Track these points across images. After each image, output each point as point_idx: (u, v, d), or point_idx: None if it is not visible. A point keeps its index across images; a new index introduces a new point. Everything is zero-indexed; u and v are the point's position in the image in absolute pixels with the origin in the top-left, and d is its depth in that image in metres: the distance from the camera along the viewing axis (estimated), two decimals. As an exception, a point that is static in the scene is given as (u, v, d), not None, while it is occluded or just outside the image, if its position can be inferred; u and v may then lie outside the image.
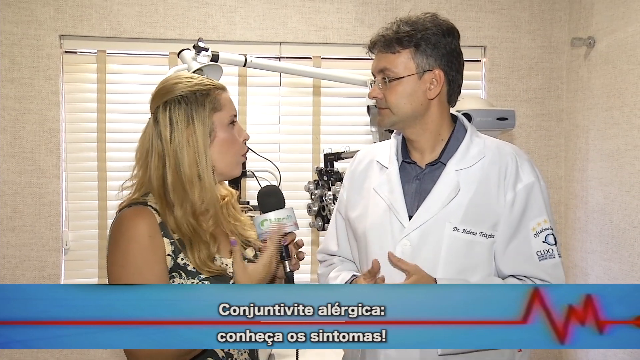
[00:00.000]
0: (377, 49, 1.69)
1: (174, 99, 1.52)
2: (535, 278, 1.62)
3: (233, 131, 1.57)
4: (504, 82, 3.76)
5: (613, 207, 3.26)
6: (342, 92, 3.66)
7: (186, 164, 1.50)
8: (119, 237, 1.46)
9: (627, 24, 3.15)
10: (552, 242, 1.64)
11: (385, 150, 1.81)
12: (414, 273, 1.56)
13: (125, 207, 1.53)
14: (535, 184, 1.66)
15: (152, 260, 1.45)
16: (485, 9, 3.71)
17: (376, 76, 1.70)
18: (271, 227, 1.52)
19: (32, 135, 3.42)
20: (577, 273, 3.61)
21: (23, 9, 3.38)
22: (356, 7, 3.62)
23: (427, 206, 1.64)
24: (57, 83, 3.43)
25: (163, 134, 1.51)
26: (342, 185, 1.91)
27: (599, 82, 3.40)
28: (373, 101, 1.76)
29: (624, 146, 3.16)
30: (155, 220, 1.48)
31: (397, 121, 1.68)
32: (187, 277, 1.48)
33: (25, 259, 3.44)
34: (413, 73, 1.64)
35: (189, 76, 1.58)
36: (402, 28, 1.65)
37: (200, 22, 3.52)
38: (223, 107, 1.55)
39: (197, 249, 1.50)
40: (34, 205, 3.43)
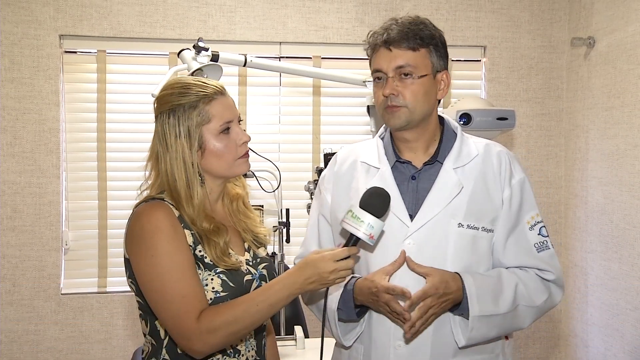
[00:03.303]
0: (395, 45, 1.63)
1: (165, 112, 1.55)
2: (536, 268, 1.68)
3: (227, 138, 1.58)
4: (504, 82, 3.76)
5: (613, 206, 3.26)
6: (342, 92, 3.66)
7: (176, 173, 1.53)
8: (141, 231, 1.49)
9: (627, 23, 3.15)
10: (546, 234, 1.71)
11: (371, 151, 1.77)
12: (433, 273, 1.56)
13: (142, 202, 1.56)
14: (525, 180, 1.72)
15: (180, 246, 1.49)
16: (485, 8, 3.71)
17: (390, 73, 1.64)
18: (367, 230, 1.44)
19: (32, 135, 3.42)
20: (577, 273, 3.61)
21: (23, 8, 3.38)
22: (356, 7, 3.62)
23: (430, 204, 1.64)
24: (57, 83, 3.43)
25: (161, 141, 1.56)
26: (323, 188, 1.83)
27: (599, 82, 3.40)
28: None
29: (624, 146, 3.16)
30: (173, 213, 1.52)
31: (412, 120, 1.65)
32: (204, 269, 1.52)
33: (25, 258, 3.43)
34: (429, 73, 1.65)
35: (182, 84, 1.57)
36: (415, 27, 1.64)
37: (200, 22, 3.52)
38: (212, 118, 1.55)
39: (214, 242, 1.53)
40: (34, 205, 3.43)
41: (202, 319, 1.45)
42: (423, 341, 1.61)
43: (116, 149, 3.52)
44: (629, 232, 3.12)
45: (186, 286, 1.46)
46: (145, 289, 1.50)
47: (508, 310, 1.61)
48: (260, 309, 1.47)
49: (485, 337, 1.62)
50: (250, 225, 1.69)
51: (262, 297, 1.48)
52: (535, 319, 1.70)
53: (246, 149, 1.63)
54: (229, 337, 1.49)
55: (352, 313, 1.67)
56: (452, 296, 1.56)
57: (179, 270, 1.46)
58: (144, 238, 1.48)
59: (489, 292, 1.60)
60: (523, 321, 1.66)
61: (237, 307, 1.47)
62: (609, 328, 3.31)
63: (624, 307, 3.17)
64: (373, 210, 1.46)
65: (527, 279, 1.66)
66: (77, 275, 3.55)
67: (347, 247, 1.47)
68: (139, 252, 1.49)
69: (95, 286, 3.55)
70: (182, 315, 1.45)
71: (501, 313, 1.60)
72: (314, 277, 1.45)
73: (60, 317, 3.48)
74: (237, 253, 1.61)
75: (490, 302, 1.59)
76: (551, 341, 3.84)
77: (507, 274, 1.66)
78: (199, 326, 1.44)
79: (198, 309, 1.46)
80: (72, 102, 3.51)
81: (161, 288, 1.47)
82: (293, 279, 1.47)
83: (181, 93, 1.55)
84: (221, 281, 1.52)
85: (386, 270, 1.60)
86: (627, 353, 3.15)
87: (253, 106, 3.64)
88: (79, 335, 3.50)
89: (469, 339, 1.59)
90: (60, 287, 3.49)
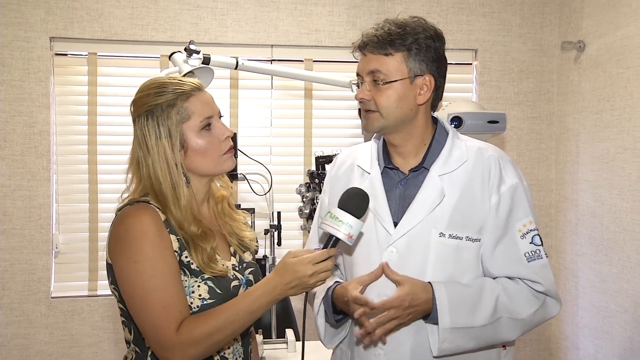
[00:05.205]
0: (368, 49, 1.63)
1: (143, 114, 1.52)
2: (525, 279, 1.61)
3: (209, 134, 1.55)
4: (495, 85, 3.77)
5: (603, 209, 3.27)
6: (334, 95, 3.67)
7: (160, 176, 1.50)
8: (125, 234, 1.45)
9: (616, 28, 3.17)
10: (539, 243, 1.63)
11: (366, 154, 1.77)
12: (404, 282, 1.54)
13: (127, 205, 1.52)
14: (518, 186, 1.64)
15: (165, 253, 1.45)
16: (477, 12, 3.73)
17: (364, 77, 1.64)
18: (346, 230, 1.44)
19: (22, 137, 3.40)
20: (567, 275, 3.63)
21: (13, 10, 3.36)
22: (348, 10, 3.63)
23: (412, 213, 1.61)
24: (47, 85, 3.42)
25: (142, 145, 1.52)
26: (322, 190, 1.86)
27: (589, 86, 3.42)
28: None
29: (614, 149, 3.18)
30: (159, 217, 1.48)
31: (385, 126, 1.64)
32: (190, 276, 1.49)
33: (15, 262, 3.41)
34: (405, 77, 1.61)
35: (158, 84, 1.54)
36: (393, 30, 1.61)
37: (192, 25, 3.51)
38: (192, 115, 1.52)
39: (201, 249, 1.50)
40: (24, 208, 3.41)
41: (182, 329, 1.42)
42: (402, 349, 1.60)
43: (107, 152, 3.50)
44: (619, 235, 3.13)
45: (167, 296, 1.43)
46: (126, 296, 1.46)
47: (486, 322, 1.56)
48: (241, 317, 1.45)
49: (462, 349, 1.57)
50: (235, 229, 1.66)
51: (243, 304, 1.45)
52: (524, 332, 1.63)
53: (230, 143, 1.59)
54: (209, 348, 1.46)
55: (331, 318, 1.66)
56: (420, 308, 1.54)
57: (161, 279, 1.43)
58: (129, 242, 1.44)
59: (464, 304, 1.56)
60: (508, 334, 1.60)
61: (217, 317, 1.44)
62: (599, 330, 3.32)
63: (614, 310, 3.18)
64: (351, 210, 1.45)
65: (514, 290, 1.60)
66: (68, 279, 3.53)
67: (326, 249, 1.45)
68: (122, 257, 1.45)
69: (86, 289, 3.53)
70: (162, 325, 1.42)
71: (478, 325, 1.55)
72: (294, 282, 1.43)
73: (50, 321, 3.46)
74: (224, 258, 1.58)
75: (465, 314, 1.55)
76: (542, 344, 3.85)
77: (490, 285, 1.60)
78: (178, 337, 1.41)
79: (178, 319, 1.43)
80: (62, 105, 3.50)
81: (142, 297, 1.43)
82: (273, 284, 1.45)
83: (157, 93, 1.51)
84: (208, 288, 1.49)
85: (361, 280, 1.58)
86: (617, 355, 3.16)
87: (245, 109, 3.64)
88: (69, 339, 3.48)
89: (440, 350, 1.56)
90: (51, 291, 3.47)
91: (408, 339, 1.59)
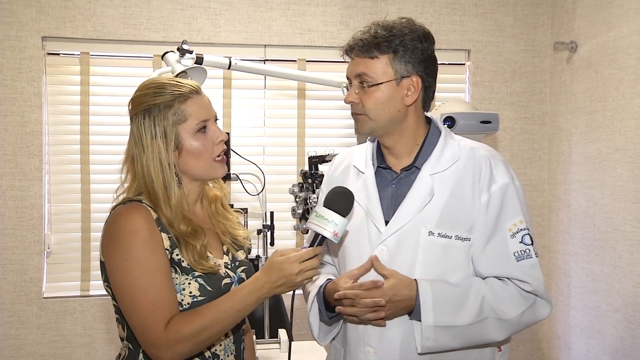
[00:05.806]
0: (354, 53, 1.66)
1: (140, 113, 1.54)
2: (515, 279, 1.62)
3: (204, 137, 1.57)
4: (487, 86, 3.78)
5: (595, 209, 3.29)
6: (327, 95, 3.67)
7: (152, 174, 1.52)
8: (117, 233, 1.47)
9: (608, 28, 3.18)
10: (529, 242, 1.63)
11: (361, 155, 1.79)
12: (391, 277, 1.56)
13: (119, 205, 1.54)
14: (509, 185, 1.65)
15: (156, 251, 1.47)
16: (470, 12, 3.74)
17: (352, 81, 1.67)
18: (331, 228, 1.47)
19: (14, 137, 3.38)
20: (559, 275, 3.64)
21: (5, 10, 3.34)
22: (341, 10, 3.63)
23: (403, 211, 1.63)
24: (39, 85, 3.40)
25: (137, 143, 1.54)
26: (320, 190, 1.89)
27: (581, 86, 3.43)
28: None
29: (606, 149, 3.19)
30: (151, 216, 1.50)
31: (375, 128, 1.66)
32: (181, 273, 1.50)
33: (7, 262, 3.40)
34: (391, 79, 1.62)
35: (157, 84, 1.57)
36: (379, 32, 1.62)
37: (185, 25, 3.51)
38: (188, 117, 1.54)
39: (191, 246, 1.52)
40: (15, 208, 3.40)
41: (170, 327, 1.44)
42: (392, 347, 1.61)
43: (100, 151, 3.49)
44: (611, 235, 3.15)
45: (156, 293, 1.45)
46: (117, 293, 1.49)
47: (471, 322, 1.56)
48: (229, 315, 1.47)
49: (446, 347, 1.58)
50: (229, 228, 1.68)
51: (230, 302, 1.47)
52: (512, 333, 1.63)
53: (223, 147, 1.61)
54: (197, 345, 1.48)
55: (325, 315, 1.69)
56: (401, 304, 1.56)
57: (151, 277, 1.45)
58: (120, 240, 1.47)
59: (449, 303, 1.57)
60: (494, 335, 1.60)
61: (205, 315, 1.46)
62: (591, 330, 3.33)
63: (606, 309, 3.20)
64: (336, 208, 1.48)
65: (501, 291, 1.60)
66: (60, 279, 3.52)
67: (312, 247, 1.48)
68: (114, 255, 1.48)
69: (78, 290, 3.52)
70: (150, 322, 1.44)
71: (462, 325, 1.56)
72: (281, 280, 1.46)
73: (42, 321, 3.45)
74: (216, 256, 1.60)
75: (449, 312, 1.56)
76: (534, 343, 3.86)
77: (477, 285, 1.60)
78: (166, 335, 1.43)
79: (167, 317, 1.45)
80: (55, 105, 3.49)
81: (131, 294, 1.45)
82: (260, 283, 1.47)
83: (156, 93, 1.54)
84: (199, 285, 1.51)
85: (352, 274, 1.61)
86: (609, 355, 3.18)
87: (238, 109, 3.63)
88: (61, 339, 3.47)
89: (423, 347, 1.57)
90: (43, 291, 3.45)
91: (398, 336, 1.61)
